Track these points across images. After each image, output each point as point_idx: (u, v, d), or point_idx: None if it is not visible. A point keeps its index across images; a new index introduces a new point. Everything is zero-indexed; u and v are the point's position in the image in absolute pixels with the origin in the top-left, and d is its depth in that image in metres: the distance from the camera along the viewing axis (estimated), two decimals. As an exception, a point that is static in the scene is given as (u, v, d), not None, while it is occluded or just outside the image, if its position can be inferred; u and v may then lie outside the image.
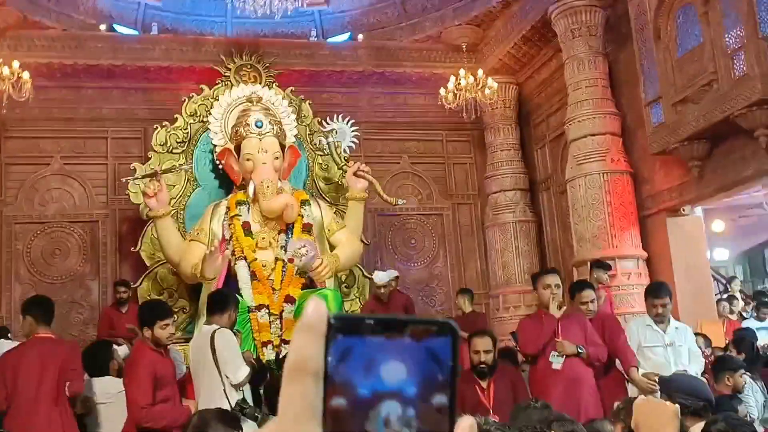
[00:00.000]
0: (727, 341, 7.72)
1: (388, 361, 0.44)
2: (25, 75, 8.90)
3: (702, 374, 5.78)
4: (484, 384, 5.52)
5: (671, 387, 4.27)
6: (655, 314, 6.01)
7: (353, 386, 0.44)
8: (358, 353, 0.44)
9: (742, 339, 7.30)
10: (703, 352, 6.91)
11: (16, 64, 8.88)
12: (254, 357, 6.77)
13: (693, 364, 5.80)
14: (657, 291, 6.13)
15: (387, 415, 0.44)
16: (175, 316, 8.41)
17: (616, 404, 4.72)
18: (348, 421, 0.43)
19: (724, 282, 12.19)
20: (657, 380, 5.43)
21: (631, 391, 5.79)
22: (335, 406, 0.43)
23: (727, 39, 6.94)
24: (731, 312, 9.94)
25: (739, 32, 6.82)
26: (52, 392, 5.23)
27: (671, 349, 5.85)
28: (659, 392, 4.94)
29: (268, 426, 0.45)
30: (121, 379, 5.54)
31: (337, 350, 0.44)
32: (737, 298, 10.68)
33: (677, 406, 3.46)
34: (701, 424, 3.60)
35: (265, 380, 6.36)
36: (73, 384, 5.33)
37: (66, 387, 5.27)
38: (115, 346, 6.46)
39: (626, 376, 5.97)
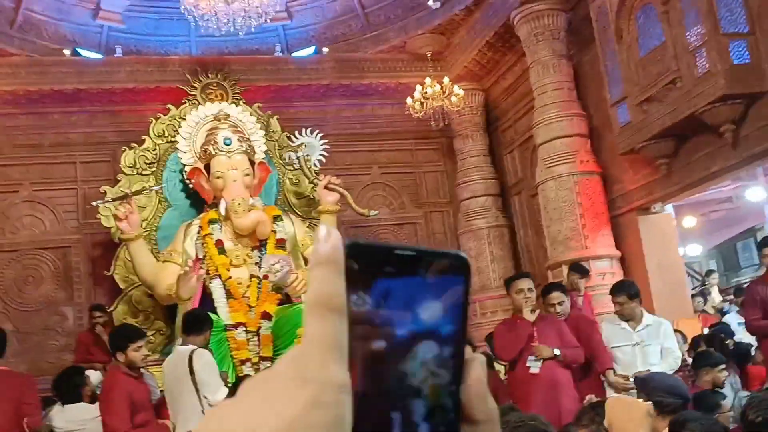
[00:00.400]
0: (696, 336, 7.72)
1: (426, 300, 0.44)
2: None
3: (676, 371, 5.80)
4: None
5: (649, 386, 4.28)
6: (615, 312, 6.04)
7: (392, 328, 0.43)
8: (397, 294, 0.43)
9: (713, 336, 7.33)
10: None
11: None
12: (229, 378, 6.73)
13: (663, 362, 5.77)
14: (613, 290, 6.17)
15: (424, 355, 0.43)
16: (151, 337, 8.38)
17: (587, 399, 4.72)
18: (386, 363, 0.43)
19: (701, 277, 12.26)
20: (632, 380, 5.47)
21: (609, 392, 5.79)
22: (375, 349, 0.43)
23: (689, 37, 7.01)
24: (705, 305, 10.01)
25: (699, 30, 6.89)
26: (9, 427, 5.14)
27: (639, 348, 5.85)
28: (636, 391, 4.95)
29: (284, 363, 0.42)
30: (95, 405, 5.48)
31: (376, 293, 0.43)
32: (711, 293, 10.75)
33: (650, 404, 3.48)
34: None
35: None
36: (30, 419, 5.26)
37: (24, 422, 5.20)
38: (87, 372, 6.38)
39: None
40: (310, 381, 0.41)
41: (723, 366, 5.71)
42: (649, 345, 5.84)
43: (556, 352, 5.64)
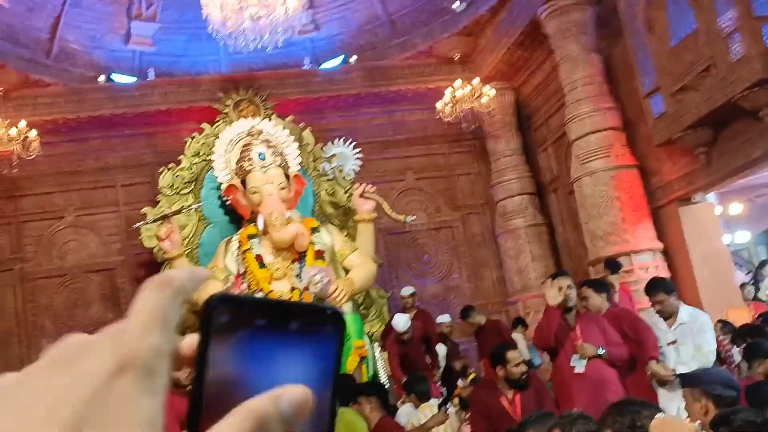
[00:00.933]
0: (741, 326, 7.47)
1: (292, 358, 0.44)
2: (33, 133, 9.07)
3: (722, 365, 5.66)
4: (509, 394, 5.51)
5: (701, 380, 4.15)
6: (656, 311, 5.91)
7: (251, 385, 0.43)
8: (257, 353, 0.44)
9: (755, 327, 7.10)
10: (722, 340, 6.78)
11: (22, 123, 9.08)
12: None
13: (694, 360, 5.60)
14: (648, 289, 6.02)
15: None
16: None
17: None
18: None
19: (753, 267, 11.94)
20: (675, 374, 5.37)
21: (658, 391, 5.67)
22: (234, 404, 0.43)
23: (721, 22, 6.89)
24: (757, 293, 9.75)
25: (732, 15, 6.77)
26: None
27: (673, 347, 5.72)
28: (686, 389, 4.80)
29: (103, 333, 0.43)
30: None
31: (240, 348, 0.44)
32: (765, 282, 10.46)
33: (697, 424, 3.37)
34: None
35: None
36: None
37: None
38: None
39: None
40: (122, 347, 0.40)
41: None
42: (683, 344, 5.69)
43: (600, 351, 5.56)
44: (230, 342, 0.44)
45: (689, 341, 5.68)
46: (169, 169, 9.51)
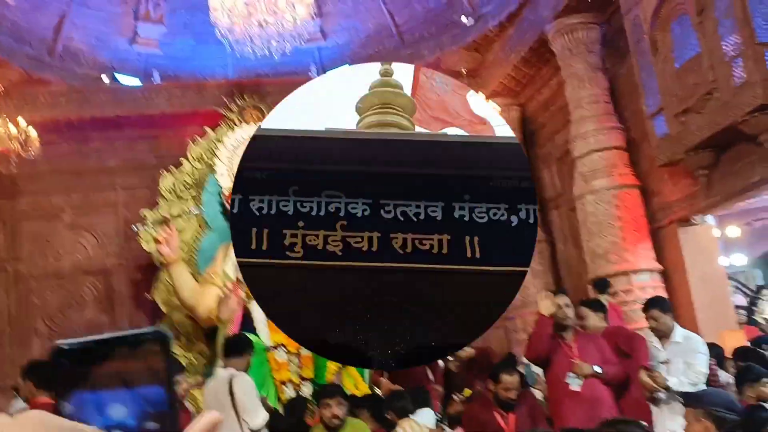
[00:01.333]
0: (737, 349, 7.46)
1: (113, 405, 0.53)
2: (32, 132, 9.04)
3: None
4: (503, 411, 5.50)
5: (704, 402, 4.13)
6: (651, 328, 5.88)
7: (91, 423, 0.52)
8: (93, 403, 0.53)
9: (747, 351, 7.09)
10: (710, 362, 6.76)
11: (22, 122, 9.03)
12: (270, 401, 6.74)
13: (685, 377, 5.48)
14: (645, 306, 6.02)
15: None
16: (192, 360, 8.42)
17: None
18: None
19: (751, 291, 11.97)
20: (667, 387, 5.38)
21: (655, 410, 5.66)
22: None
23: (725, 47, 6.91)
24: (750, 320, 9.79)
25: (735, 39, 6.79)
26: None
27: (664, 367, 5.70)
28: (687, 408, 4.79)
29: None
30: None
31: (77, 400, 0.52)
32: (761, 306, 10.50)
33: None
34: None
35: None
36: None
37: None
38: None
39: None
40: None
41: (766, 379, 5.53)
42: (675, 363, 5.66)
43: (597, 369, 5.56)
44: (84, 404, 0.53)
45: (680, 361, 5.63)
46: (170, 173, 9.50)
